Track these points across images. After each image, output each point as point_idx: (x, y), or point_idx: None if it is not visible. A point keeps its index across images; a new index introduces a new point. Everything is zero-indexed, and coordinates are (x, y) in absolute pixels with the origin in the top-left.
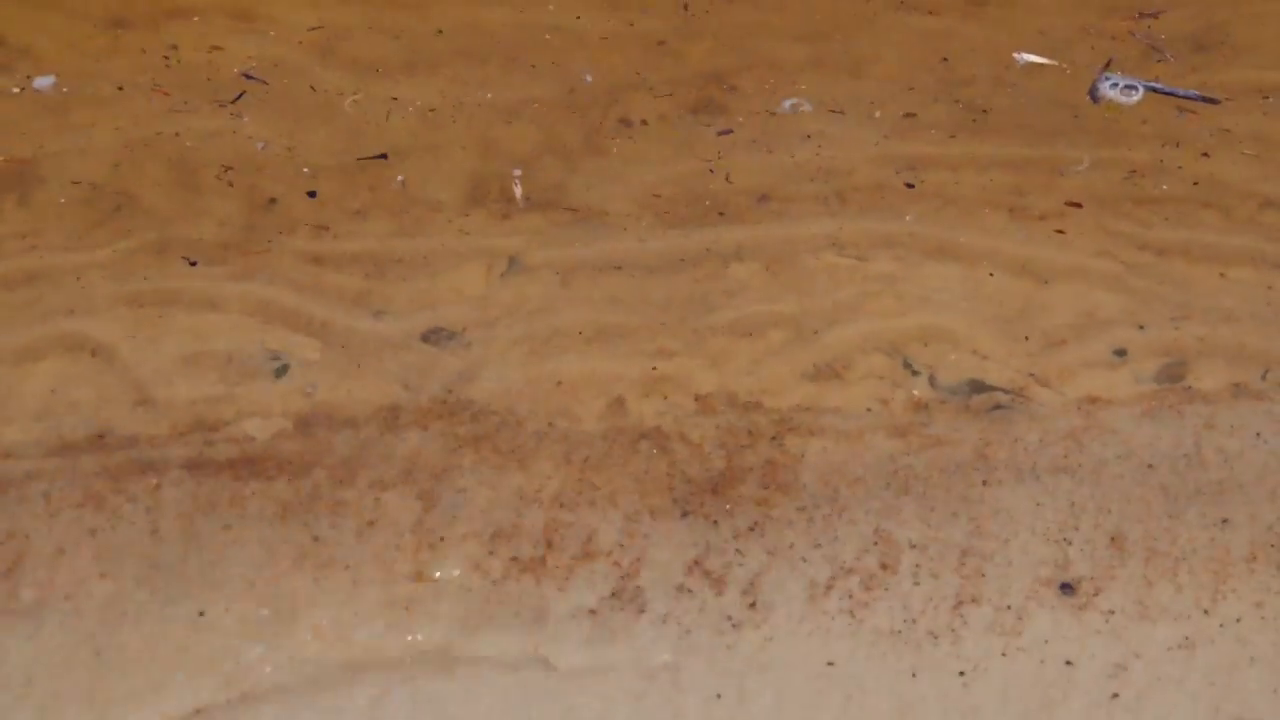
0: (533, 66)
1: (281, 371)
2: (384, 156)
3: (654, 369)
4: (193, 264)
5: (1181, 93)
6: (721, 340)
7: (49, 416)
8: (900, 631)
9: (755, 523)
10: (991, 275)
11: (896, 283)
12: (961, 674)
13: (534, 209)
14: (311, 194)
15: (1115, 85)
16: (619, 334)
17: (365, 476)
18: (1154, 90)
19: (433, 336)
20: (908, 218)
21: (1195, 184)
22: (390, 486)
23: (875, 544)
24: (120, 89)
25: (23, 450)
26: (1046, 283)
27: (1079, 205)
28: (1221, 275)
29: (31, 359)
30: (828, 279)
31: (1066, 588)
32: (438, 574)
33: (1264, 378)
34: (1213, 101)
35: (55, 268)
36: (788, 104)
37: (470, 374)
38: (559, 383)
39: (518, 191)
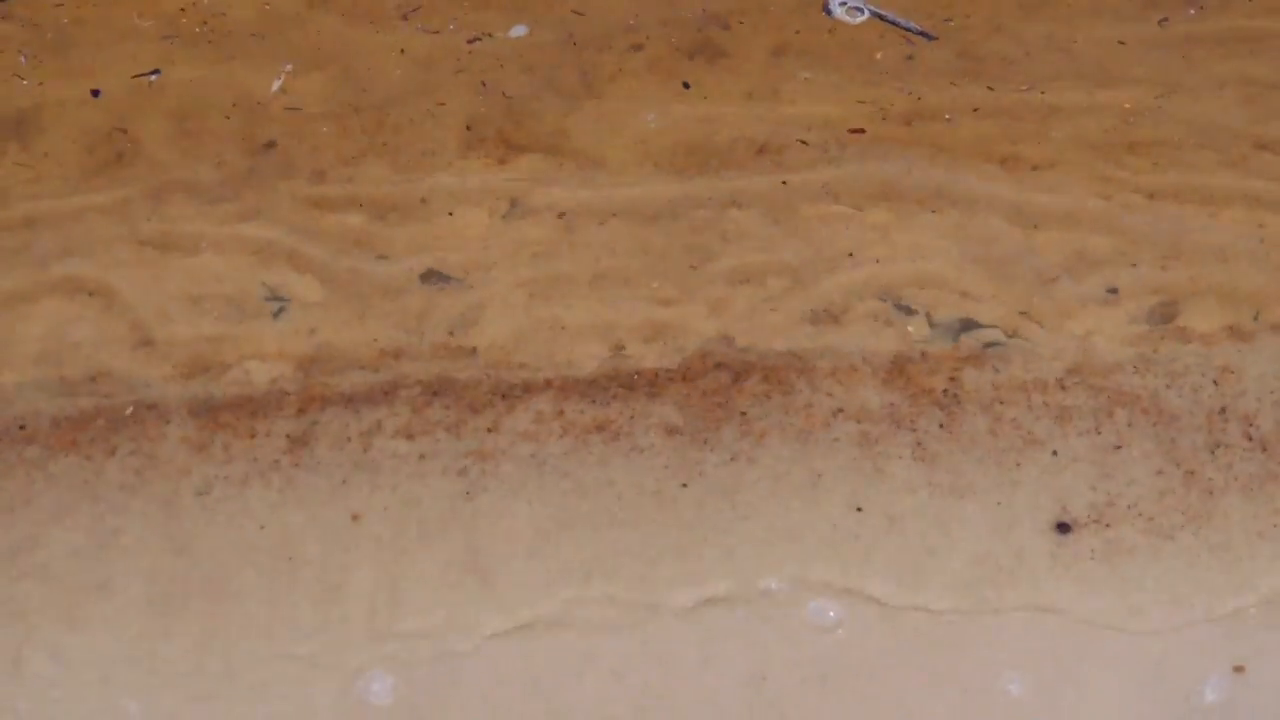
0: (529, 9)
1: (281, 314)
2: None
3: (654, 315)
4: None
5: (902, 23)
6: (720, 285)
7: (48, 359)
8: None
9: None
10: (984, 219)
11: (891, 230)
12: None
13: (531, 152)
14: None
15: (843, 4)
16: (618, 277)
17: (366, 415)
18: (878, 16)
19: (433, 279)
20: (903, 165)
21: (1189, 127)
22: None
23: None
24: (123, 35)
25: (21, 393)
26: (1037, 226)
27: (862, 131)
28: (1212, 216)
29: (30, 302)
30: (824, 227)
31: (1064, 527)
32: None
33: (1256, 318)
34: (928, 36)
35: (55, 212)
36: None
37: (471, 318)
38: (561, 328)
39: (277, 84)
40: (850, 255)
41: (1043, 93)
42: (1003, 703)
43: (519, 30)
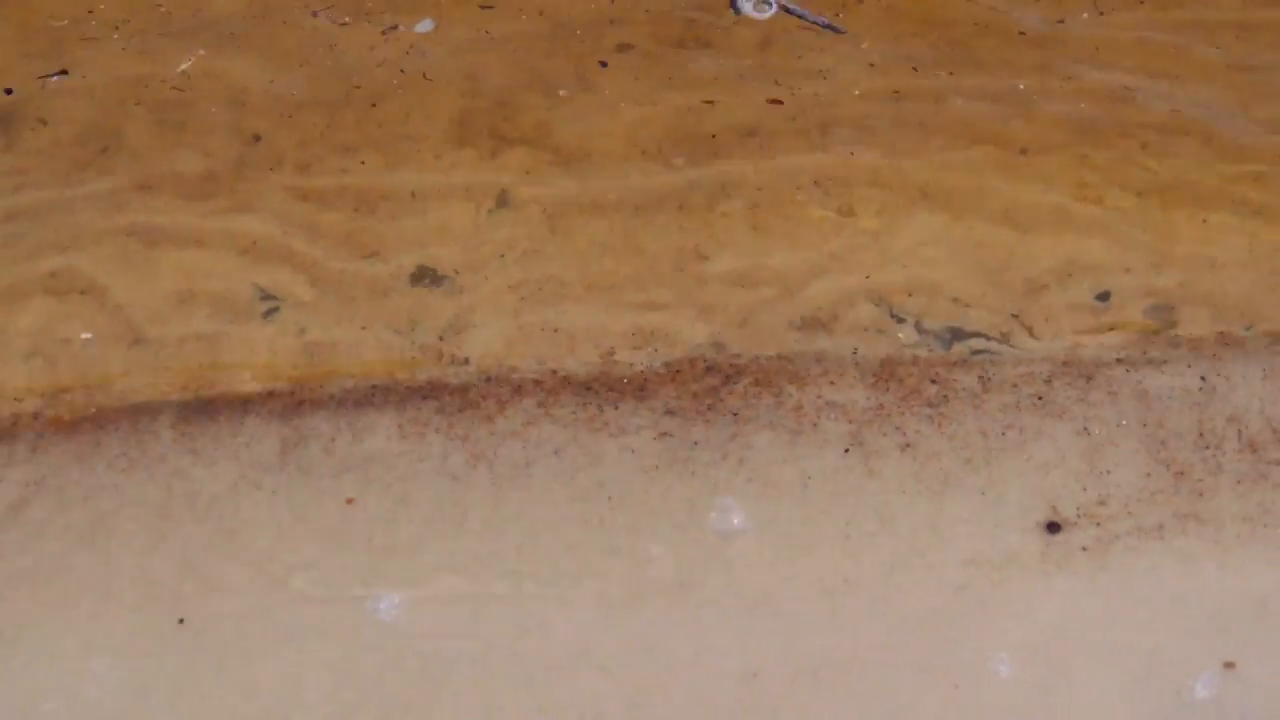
0: (515, 1)
1: (272, 312)
2: (64, 72)
3: (643, 319)
4: None
5: (811, 17)
6: (710, 290)
7: (37, 357)
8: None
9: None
10: (974, 219)
11: (880, 233)
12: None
13: (520, 146)
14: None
15: None
16: (608, 281)
17: (357, 417)
18: (785, 10)
19: (423, 278)
20: (893, 155)
21: (1179, 127)
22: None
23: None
24: (112, 30)
25: (11, 392)
26: (1028, 230)
27: (780, 102)
28: (1204, 222)
29: (20, 298)
30: (813, 225)
31: (1054, 527)
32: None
33: (1248, 329)
34: (837, 30)
35: (43, 206)
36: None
37: (461, 320)
38: (551, 330)
39: (184, 65)
40: (839, 259)
41: (1028, 85)
42: (993, 696)
43: (425, 25)
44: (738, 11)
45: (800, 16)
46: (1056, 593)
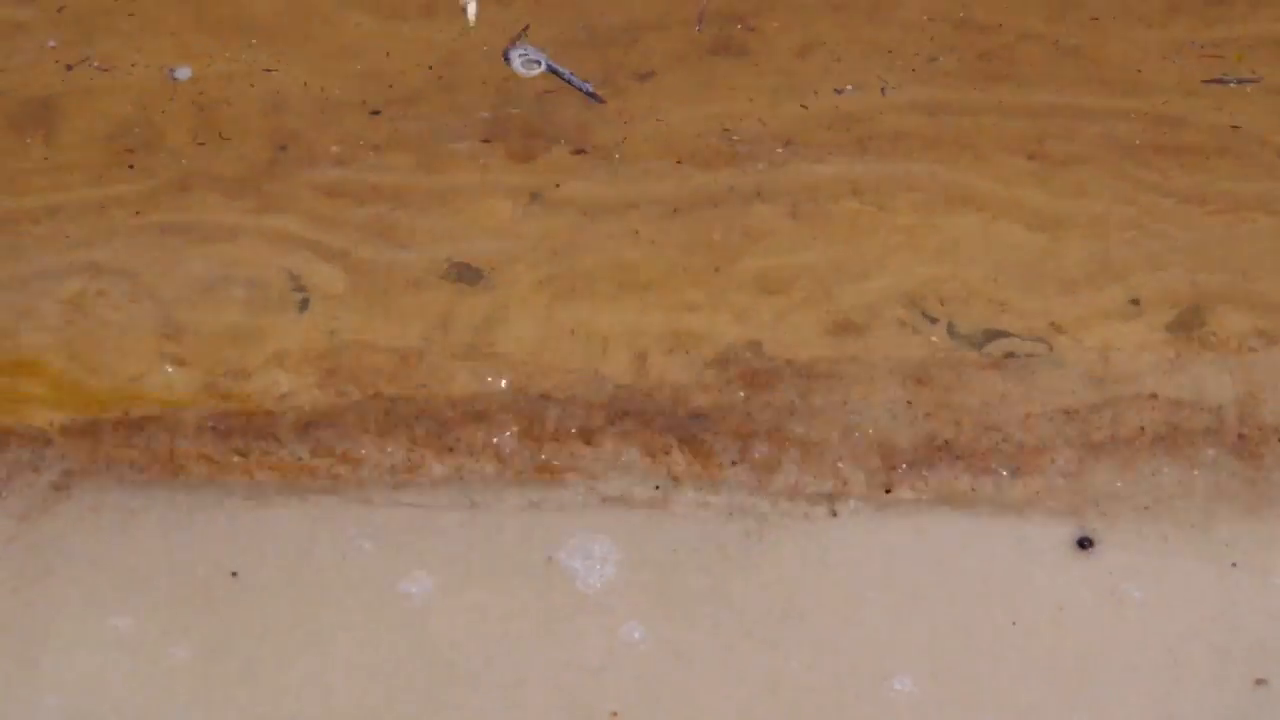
0: (550, 5)
1: (304, 307)
2: None
3: (678, 320)
4: None
5: (575, 82)
6: (744, 293)
7: (70, 351)
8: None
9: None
10: (1008, 223)
11: (915, 233)
12: None
13: (555, 147)
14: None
15: (523, 56)
16: (643, 284)
17: (388, 415)
18: (552, 71)
19: (456, 275)
20: (927, 165)
21: (1215, 133)
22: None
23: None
24: (144, 29)
25: (46, 379)
26: (1063, 231)
27: (650, 74)
28: (1238, 223)
29: (53, 291)
30: (848, 229)
31: (1085, 542)
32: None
33: None
34: (597, 99)
35: (78, 203)
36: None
37: (494, 318)
38: (584, 333)
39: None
40: (875, 260)
41: (1069, 97)
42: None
43: (183, 72)
44: (508, 63)
45: (567, 80)
46: (1087, 605)
